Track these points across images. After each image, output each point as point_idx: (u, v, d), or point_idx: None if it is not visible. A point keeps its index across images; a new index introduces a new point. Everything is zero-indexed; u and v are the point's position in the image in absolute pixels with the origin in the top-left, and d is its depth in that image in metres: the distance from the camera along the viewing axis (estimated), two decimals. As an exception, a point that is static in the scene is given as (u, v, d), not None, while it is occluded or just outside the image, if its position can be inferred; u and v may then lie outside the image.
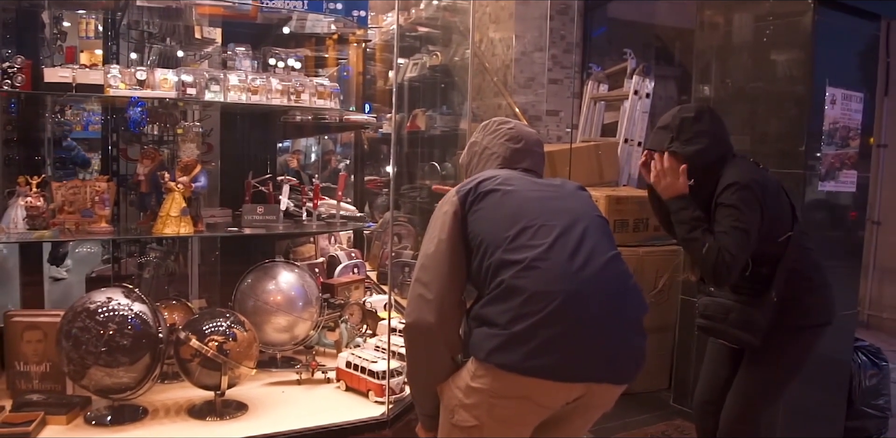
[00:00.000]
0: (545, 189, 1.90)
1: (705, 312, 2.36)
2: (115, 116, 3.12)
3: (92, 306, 2.25)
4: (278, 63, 3.76)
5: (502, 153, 2.00)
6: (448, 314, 1.80)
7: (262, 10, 2.60)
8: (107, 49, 2.97)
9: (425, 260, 1.82)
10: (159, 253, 3.45)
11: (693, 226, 2.23)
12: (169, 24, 2.95)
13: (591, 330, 1.67)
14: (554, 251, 1.70)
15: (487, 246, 1.74)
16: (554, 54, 5.52)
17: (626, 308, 1.76)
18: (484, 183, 1.86)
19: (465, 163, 2.11)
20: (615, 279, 1.77)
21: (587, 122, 5.08)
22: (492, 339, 1.65)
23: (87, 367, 2.21)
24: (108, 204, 2.45)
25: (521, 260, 1.67)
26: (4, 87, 2.17)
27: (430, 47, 4.69)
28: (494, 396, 1.69)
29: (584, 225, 1.79)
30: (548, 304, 1.63)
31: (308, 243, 4.42)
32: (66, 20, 3.14)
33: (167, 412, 2.44)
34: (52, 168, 3.15)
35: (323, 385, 2.76)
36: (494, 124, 2.07)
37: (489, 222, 1.78)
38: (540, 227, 1.74)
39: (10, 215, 2.37)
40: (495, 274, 1.70)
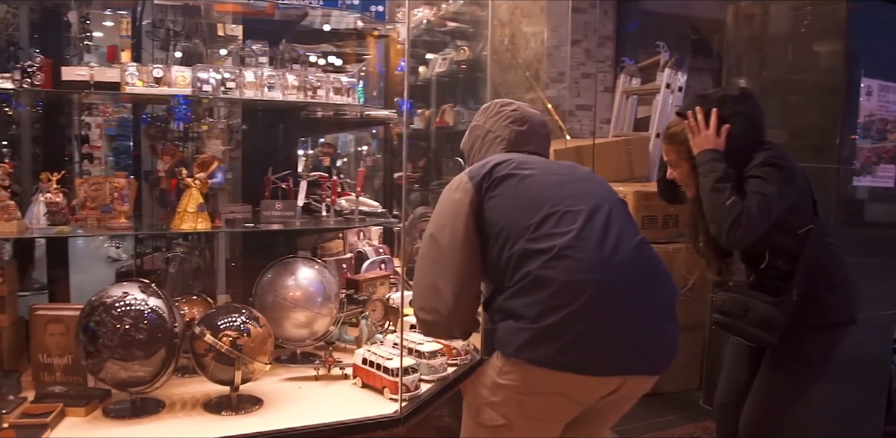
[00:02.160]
0: (562, 172, 1.84)
1: (723, 308, 2.30)
2: (148, 113, 3.18)
3: (108, 300, 2.28)
4: (318, 60, 3.78)
5: (506, 136, 1.93)
6: (463, 307, 1.77)
7: (279, 7, 2.60)
8: (137, 47, 3.03)
9: (436, 251, 1.75)
10: (185, 248, 3.49)
11: (724, 177, 2.14)
12: (192, 22, 2.98)
13: (625, 321, 1.60)
14: (581, 238, 1.62)
15: (508, 234, 1.67)
16: (587, 48, 5.46)
17: (659, 294, 1.70)
18: (498, 167, 1.79)
19: (467, 148, 2.04)
20: (646, 264, 1.70)
21: (619, 117, 5.01)
22: (520, 334, 1.59)
23: (103, 361, 2.24)
24: (126, 200, 2.48)
25: (548, 250, 1.60)
26: (24, 86, 2.21)
27: (457, 42, 4.66)
28: (524, 393, 1.63)
29: (608, 209, 1.73)
30: (579, 295, 1.56)
31: (336, 238, 4.43)
32: (107, 20, 3.19)
33: (184, 405, 2.46)
34: (78, 165, 3.20)
35: (340, 381, 2.76)
36: (496, 106, 2.00)
37: (508, 209, 1.71)
38: (564, 213, 1.67)
39: (33, 211, 2.42)
40: (519, 264, 1.63)
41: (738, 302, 2.25)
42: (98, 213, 2.52)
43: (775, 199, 2.08)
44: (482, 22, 4.93)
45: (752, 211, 2.06)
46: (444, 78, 4.93)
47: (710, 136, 2.21)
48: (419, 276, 1.80)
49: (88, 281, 4.35)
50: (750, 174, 2.16)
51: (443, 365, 2.82)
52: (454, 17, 4.62)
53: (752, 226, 2.05)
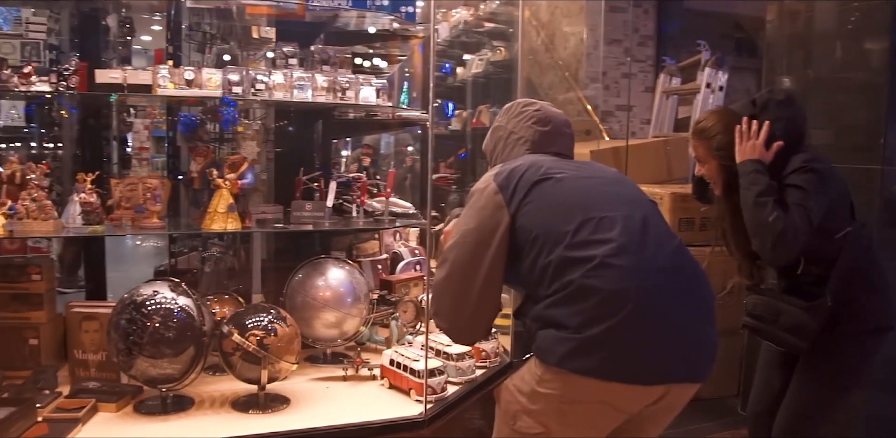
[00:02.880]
0: (594, 174, 1.80)
1: (753, 311, 2.24)
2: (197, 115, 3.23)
3: (139, 299, 2.32)
4: (364, 62, 3.81)
5: (530, 137, 1.89)
6: (481, 317, 1.75)
7: (308, 9, 2.62)
8: (176, 49, 3.08)
9: (461, 258, 1.72)
10: (220, 248, 3.55)
11: (766, 191, 2.09)
12: (226, 25, 3.02)
13: (670, 328, 1.56)
14: (622, 245, 1.58)
15: (544, 242, 1.64)
16: (627, 48, 5.39)
17: (700, 299, 1.65)
18: (529, 173, 1.74)
19: (489, 150, 2.00)
20: (686, 269, 1.65)
21: (659, 117, 4.93)
22: (563, 343, 1.55)
23: (133, 358, 2.28)
24: (158, 200, 2.53)
25: (590, 258, 1.56)
26: (60, 89, 2.27)
27: (493, 42, 4.64)
28: (566, 402, 1.59)
29: (643, 213, 1.69)
30: (624, 305, 1.52)
31: (372, 239, 4.45)
32: (155, 24, 3.27)
33: (213, 403, 2.49)
34: (117, 166, 3.27)
35: (368, 382, 2.76)
36: (519, 106, 1.96)
37: (543, 216, 1.68)
38: (600, 219, 1.63)
39: (69, 210, 2.48)
40: (559, 273, 1.59)
41: (769, 306, 2.18)
42: (132, 213, 2.57)
43: (817, 211, 2.03)
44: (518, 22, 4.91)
45: (796, 226, 2.01)
46: (481, 79, 4.91)
47: (758, 146, 2.16)
48: (441, 282, 1.76)
49: (131, 279, 4.47)
50: (789, 182, 2.10)
51: (471, 368, 2.81)
52: (491, 18, 4.60)
53: (795, 243, 2.01)
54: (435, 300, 1.79)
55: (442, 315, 1.78)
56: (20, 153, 4.05)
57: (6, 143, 4.68)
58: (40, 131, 4.01)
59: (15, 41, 4.49)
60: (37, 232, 2.33)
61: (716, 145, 2.24)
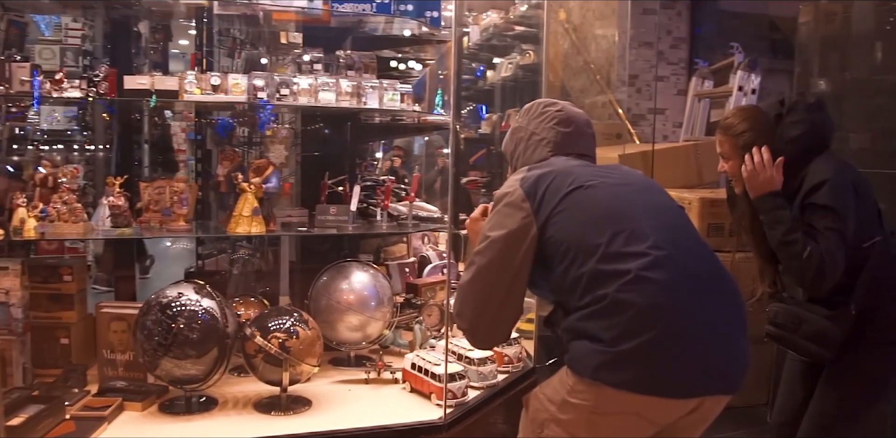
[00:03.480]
0: (622, 181, 1.77)
1: (776, 320, 2.20)
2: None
3: (164, 300, 2.36)
4: (399, 65, 3.83)
5: (552, 138, 1.86)
6: (502, 322, 1.75)
7: (334, 15, 2.64)
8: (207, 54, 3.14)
9: (490, 265, 1.71)
10: (248, 250, 3.59)
11: (792, 228, 2.07)
12: (255, 31, 3.06)
13: (705, 342, 1.54)
14: (656, 259, 1.55)
15: (576, 254, 1.61)
16: (660, 50, 5.34)
17: (735, 309, 1.62)
18: (557, 181, 1.71)
19: (508, 151, 1.97)
20: (719, 280, 1.62)
21: (691, 120, 4.86)
22: (597, 355, 1.53)
23: (158, 358, 2.33)
24: (185, 203, 2.57)
25: (625, 272, 1.53)
26: (90, 95, 2.32)
27: (523, 46, 4.62)
28: (598, 413, 1.57)
29: (675, 222, 1.68)
30: (659, 319, 1.50)
31: (401, 242, 4.47)
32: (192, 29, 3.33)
33: (236, 404, 2.53)
34: (148, 169, 3.33)
35: (390, 385, 2.78)
36: (540, 106, 1.93)
37: (574, 227, 1.64)
38: (633, 231, 1.60)
39: (99, 213, 2.53)
40: (592, 286, 1.56)
41: (791, 314, 2.14)
42: (160, 216, 2.62)
43: (847, 227, 2.00)
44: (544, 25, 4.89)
45: (833, 255, 1.99)
46: (510, 82, 4.90)
47: (772, 178, 2.15)
48: (466, 284, 1.76)
49: (164, 279, 4.55)
50: (812, 201, 2.06)
51: (492, 373, 2.80)
52: (521, 21, 4.58)
53: (835, 271, 2.00)
54: (458, 301, 1.80)
55: (464, 316, 1.79)
56: (62, 156, 4.15)
57: (49, 146, 4.80)
58: (83, 134, 4.10)
59: (55, 47, 4.61)
60: (67, 234, 2.39)
61: (742, 143, 2.20)
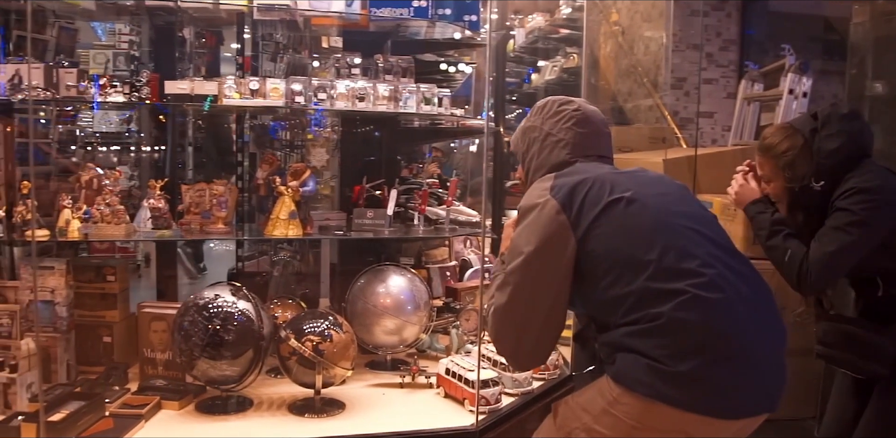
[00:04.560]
0: (661, 191, 1.70)
1: (825, 339, 2.13)
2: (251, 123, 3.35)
3: (201, 302, 2.40)
4: (448, 68, 3.84)
5: (570, 140, 1.77)
6: (544, 344, 1.69)
7: (372, 19, 2.66)
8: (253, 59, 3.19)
9: (528, 284, 1.62)
10: (289, 252, 3.63)
11: (772, 232, 2.10)
12: (296, 36, 3.10)
13: (758, 364, 1.51)
14: (710, 278, 1.50)
15: (622, 271, 1.55)
16: (709, 52, 5.23)
17: (778, 328, 1.59)
18: (594, 191, 1.62)
19: (520, 150, 1.88)
20: (766, 300, 1.59)
21: (740, 124, 4.74)
22: (652, 372, 1.48)
23: (194, 359, 2.36)
24: (224, 206, 2.61)
25: (681, 291, 1.48)
26: (132, 99, 2.38)
27: (567, 49, 4.58)
28: (640, 428, 1.52)
29: (717, 236, 1.63)
30: (717, 340, 1.47)
31: (442, 246, 4.46)
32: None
33: (271, 405, 2.55)
34: (192, 172, 3.40)
35: (425, 390, 2.77)
36: (555, 105, 1.83)
37: (618, 242, 1.57)
38: (682, 246, 1.55)
39: (141, 215, 2.59)
40: (642, 304, 1.51)
41: (840, 332, 2.07)
42: (200, 218, 2.66)
43: (862, 231, 1.94)
44: (594, 28, 4.84)
45: (829, 253, 1.96)
46: (554, 85, 4.86)
47: (749, 188, 2.27)
48: (503, 307, 1.65)
49: (207, 279, 4.65)
50: (837, 206, 2.01)
51: (527, 379, 2.77)
52: (565, 24, 4.54)
53: (828, 270, 1.95)
54: (496, 325, 1.68)
55: (505, 342, 1.69)
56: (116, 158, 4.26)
57: (107, 147, 4.94)
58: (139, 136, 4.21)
59: (108, 51, 4.74)
60: (109, 235, 2.45)
61: (784, 163, 2.15)
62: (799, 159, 2.12)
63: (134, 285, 3.90)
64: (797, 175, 2.11)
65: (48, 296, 2.54)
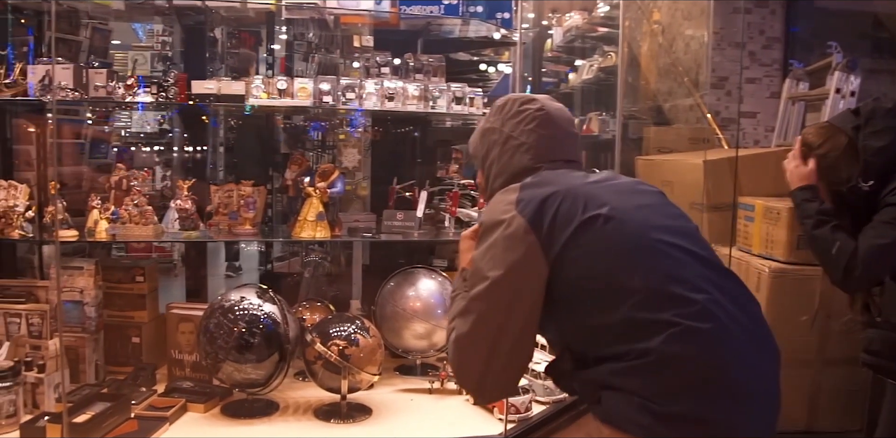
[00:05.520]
0: (642, 202, 1.51)
1: (871, 347, 2.03)
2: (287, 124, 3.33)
3: (226, 304, 2.38)
4: (488, 68, 3.79)
5: (533, 143, 1.60)
6: (516, 373, 1.50)
7: (402, 17, 2.61)
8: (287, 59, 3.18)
9: (494, 313, 1.42)
10: (320, 254, 3.60)
11: (819, 221, 1.98)
12: (327, 35, 3.07)
13: (758, 396, 1.37)
14: (703, 304, 1.34)
15: (602, 298, 1.38)
16: (751, 51, 5.08)
17: (773, 354, 1.45)
18: (566, 206, 1.43)
19: (479, 154, 1.70)
20: (759, 323, 1.44)
21: (783, 125, 4.59)
22: (642, 411, 1.33)
23: (219, 362, 2.34)
24: (252, 207, 2.58)
25: (672, 323, 1.32)
26: (160, 99, 2.36)
27: (605, 48, 4.49)
28: None
29: (705, 253, 1.45)
30: (714, 376, 1.32)
31: (475, 248, 4.39)
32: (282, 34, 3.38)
33: (297, 409, 2.52)
34: (223, 172, 3.39)
35: (454, 396, 2.71)
36: (516, 104, 1.65)
37: (597, 266, 1.39)
38: (669, 269, 1.38)
39: (168, 216, 2.58)
40: (627, 336, 1.35)
41: (889, 340, 1.97)
42: (228, 219, 2.64)
43: None
44: (633, 26, 4.74)
45: (876, 247, 1.84)
46: (591, 85, 4.77)
47: (807, 172, 2.12)
48: (465, 337, 1.46)
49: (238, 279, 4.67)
50: (888, 201, 1.91)
51: (559, 387, 2.70)
52: (603, 22, 4.45)
53: (874, 265, 1.84)
54: (458, 356, 1.49)
55: (468, 375, 1.50)
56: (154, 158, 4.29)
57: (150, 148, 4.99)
58: (183, 136, 4.25)
59: (146, 52, 4.79)
60: (137, 236, 2.44)
61: (825, 165, 2.06)
62: (842, 160, 2.03)
63: (170, 284, 3.93)
64: (841, 176, 2.02)
65: (77, 296, 2.54)
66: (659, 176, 3.85)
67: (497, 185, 1.62)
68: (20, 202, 2.49)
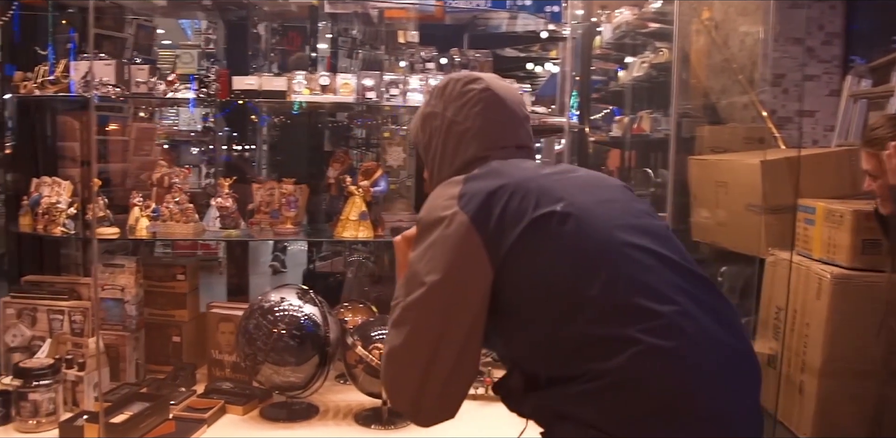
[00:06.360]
0: (601, 196, 1.31)
1: None
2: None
3: (266, 305, 2.33)
4: (535, 66, 3.70)
5: (480, 128, 1.41)
6: (460, 391, 1.30)
7: (447, 11, 2.53)
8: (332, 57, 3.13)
9: (431, 323, 1.24)
10: (364, 253, 3.55)
11: None
12: (372, 30, 3.01)
13: (731, 417, 1.17)
14: (669, 318, 1.15)
15: (554, 309, 1.19)
16: (810, 47, 4.89)
17: (753, 366, 1.25)
18: (515, 201, 1.24)
19: (421, 143, 1.51)
20: (738, 329, 1.25)
21: (845, 123, 4.40)
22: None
23: (258, 363, 2.29)
24: (293, 206, 2.53)
25: (632, 340, 1.13)
26: (201, 95, 2.33)
27: (656, 44, 4.35)
28: None
29: (675, 253, 1.26)
30: (680, 401, 1.12)
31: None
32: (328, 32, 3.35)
33: (337, 413, 2.46)
34: (266, 170, 3.36)
35: (499, 402, 2.61)
36: (458, 85, 1.45)
37: (549, 271, 1.20)
38: (632, 276, 1.19)
39: (210, 214, 2.54)
40: (580, 355, 1.16)
41: None
42: (269, 218, 2.60)
43: None
44: (685, 22, 4.59)
45: None
46: (643, 82, 4.63)
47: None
48: (398, 350, 1.27)
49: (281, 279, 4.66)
50: None
51: (608, 395, 2.59)
52: (655, 18, 4.31)
53: None
54: (390, 373, 1.30)
55: (399, 393, 1.30)
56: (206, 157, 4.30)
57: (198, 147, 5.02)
58: (232, 134, 4.27)
59: (193, 51, 4.80)
60: (177, 234, 2.41)
61: None
62: None
63: (214, 281, 3.93)
64: None
65: (118, 294, 2.52)
66: (713, 176, 3.72)
67: (443, 178, 1.41)
68: (63, 199, 2.48)
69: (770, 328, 3.01)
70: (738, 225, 3.55)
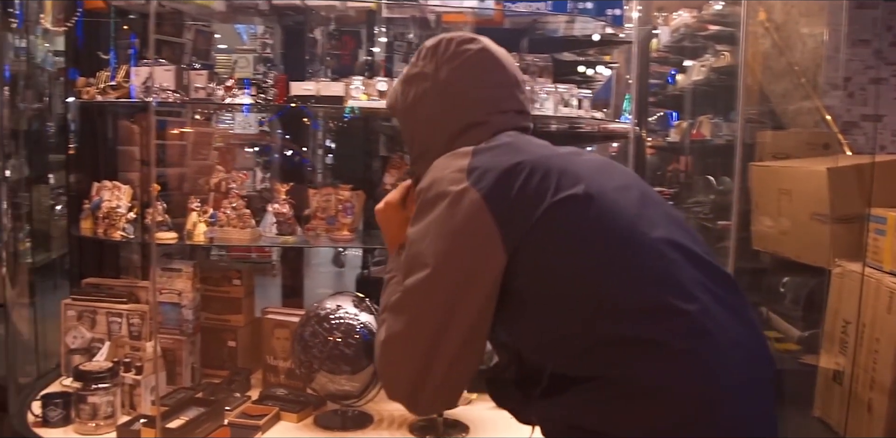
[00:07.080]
0: (619, 183, 1.20)
1: None
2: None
3: (322, 312, 2.30)
4: (587, 70, 3.64)
5: (478, 91, 1.30)
6: (461, 381, 1.21)
7: (506, 14, 2.49)
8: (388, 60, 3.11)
9: (434, 308, 1.14)
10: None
11: None
12: (428, 35, 2.98)
13: (751, 423, 1.10)
14: (694, 318, 1.07)
15: (569, 303, 1.10)
16: (876, 49, 4.71)
17: (770, 368, 1.17)
18: (535, 181, 1.13)
19: (398, 108, 1.37)
20: (755, 327, 1.17)
21: (916, 129, 4.24)
22: None
23: (313, 371, 2.27)
24: (350, 212, 2.51)
25: (652, 343, 1.05)
26: (258, 101, 2.32)
27: (717, 47, 4.24)
28: None
29: (696, 245, 1.17)
30: (701, 410, 1.05)
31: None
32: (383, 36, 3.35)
33: (391, 423, 2.43)
34: (322, 175, 3.35)
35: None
36: (452, 45, 1.31)
37: (568, 260, 1.11)
38: (657, 270, 1.10)
39: (266, 220, 2.54)
40: (594, 355, 1.08)
41: None
42: (326, 224, 2.58)
43: None
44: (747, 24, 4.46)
45: None
46: (703, 86, 4.52)
47: None
48: (396, 338, 1.18)
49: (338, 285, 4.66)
50: None
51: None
52: (715, 20, 4.21)
53: None
54: (385, 360, 1.21)
55: (395, 383, 1.21)
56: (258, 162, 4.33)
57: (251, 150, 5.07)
58: (285, 137, 4.30)
59: (249, 55, 4.84)
60: (234, 240, 2.41)
61: None
62: None
63: (267, 283, 3.94)
64: None
65: (175, 299, 2.53)
66: (775, 183, 3.60)
67: (436, 148, 1.29)
68: (123, 203, 2.51)
69: (836, 342, 2.89)
70: (802, 234, 3.43)
